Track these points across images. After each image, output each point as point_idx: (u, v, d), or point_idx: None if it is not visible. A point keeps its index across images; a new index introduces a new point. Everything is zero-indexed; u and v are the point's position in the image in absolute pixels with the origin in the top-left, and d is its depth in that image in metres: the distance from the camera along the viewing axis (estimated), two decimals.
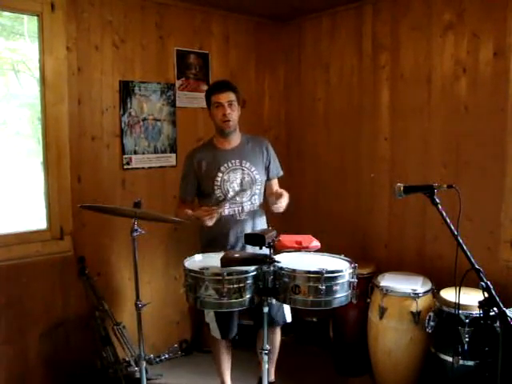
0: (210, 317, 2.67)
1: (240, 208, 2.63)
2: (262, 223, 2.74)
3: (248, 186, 2.64)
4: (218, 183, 2.61)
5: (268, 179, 2.78)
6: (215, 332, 2.69)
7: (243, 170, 2.65)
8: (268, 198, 2.75)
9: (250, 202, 2.65)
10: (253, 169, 2.67)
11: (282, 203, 2.56)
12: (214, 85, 2.72)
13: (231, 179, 2.62)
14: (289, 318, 2.75)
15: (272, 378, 2.90)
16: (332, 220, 3.72)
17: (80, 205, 2.63)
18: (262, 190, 2.74)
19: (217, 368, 2.86)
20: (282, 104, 4.07)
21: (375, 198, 3.45)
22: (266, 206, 2.78)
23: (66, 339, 3.00)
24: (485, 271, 1.64)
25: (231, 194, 2.61)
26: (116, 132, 3.16)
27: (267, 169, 2.76)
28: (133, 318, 2.54)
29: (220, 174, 2.61)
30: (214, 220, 2.46)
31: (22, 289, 2.81)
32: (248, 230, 2.62)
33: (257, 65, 3.88)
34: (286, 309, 2.72)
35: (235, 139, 2.70)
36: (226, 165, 2.63)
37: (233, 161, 2.64)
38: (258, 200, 2.70)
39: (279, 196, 2.54)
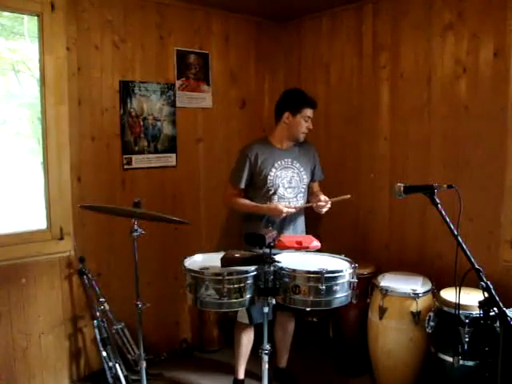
0: None
1: (287, 203, 2.82)
2: (302, 220, 2.98)
3: (296, 184, 2.88)
4: (271, 178, 2.83)
5: (311, 180, 3.02)
6: (243, 317, 2.79)
7: (293, 169, 2.89)
8: (309, 197, 2.98)
9: (295, 199, 2.87)
10: (302, 169, 2.91)
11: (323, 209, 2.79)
12: (311, 99, 2.86)
13: (282, 176, 2.85)
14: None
15: (284, 364, 3.05)
16: (332, 220, 3.71)
17: (80, 205, 2.64)
18: (307, 190, 2.97)
19: (235, 358, 2.94)
20: None
21: (375, 198, 3.45)
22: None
23: (66, 339, 3.00)
24: (485, 271, 1.64)
25: (280, 189, 2.83)
26: (116, 132, 3.16)
27: (312, 171, 3.00)
28: (133, 318, 2.54)
29: (274, 170, 2.84)
30: (284, 215, 2.73)
31: (22, 289, 2.81)
32: (290, 224, 2.86)
33: (257, 65, 3.88)
34: None
35: (290, 142, 2.93)
36: (279, 162, 2.86)
37: (286, 159, 2.88)
38: (302, 198, 2.92)
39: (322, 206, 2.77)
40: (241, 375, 2.96)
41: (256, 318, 2.75)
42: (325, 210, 2.78)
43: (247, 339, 2.89)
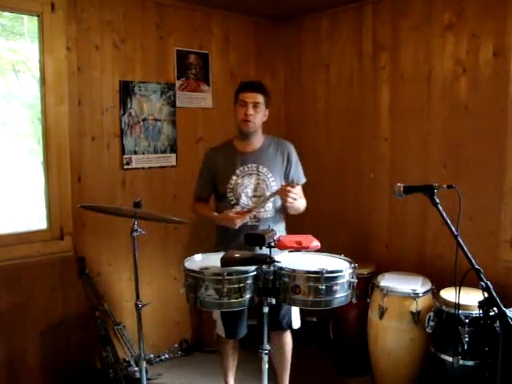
0: (216, 314, 2.63)
1: (253, 213, 2.52)
2: (277, 230, 2.55)
3: (262, 192, 2.55)
4: (231, 186, 2.55)
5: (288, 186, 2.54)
6: (220, 330, 2.64)
7: (259, 175, 2.56)
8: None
9: (263, 210, 2.55)
10: (269, 175, 2.56)
11: (290, 202, 2.40)
12: (246, 83, 2.59)
13: (245, 183, 2.54)
14: (296, 324, 2.66)
15: None
16: (332, 220, 3.72)
17: (80, 205, 2.64)
18: (279, 197, 2.54)
19: (221, 367, 2.82)
20: (282, 104, 4.07)
21: (375, 198, 3.45)
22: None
23: (66, 339, 3.00)
24: (485, 271, 1.64)
25: (243, 199, 2.53)
26: (116, 132, 3.16)
27: (287, 175, 2.64)
28: (133, 318, 2.54)
29: (234, 177, 2.55)
30: (240, 223, 2.42)
31: (22, 289, 2.81)
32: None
33: (257, 65, 3.88)
34: (295, 313, 2.64)
35: (255, 142, 2.61)
36: (241, 168, 2.56)
37: (249, 165, 2.56)
38: (271, 207, 2.58)
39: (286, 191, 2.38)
40: (229, 383, 2.83)
41: (232, 334, 2.60)
42: (290, 199, 2.37)
43: (228, 351, 2.71)
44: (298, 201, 2.52)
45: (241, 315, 2.56)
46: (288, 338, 2.73)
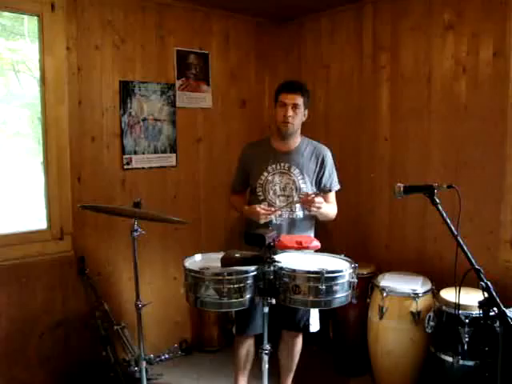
0: (233, 312, 2.60)
1: (278, 214, 2.55)
2: (304, 233, 2.58)
3: (290, 192, 2.58)
4: (262, 182, 2.60)
5: (321, 191, 2.57)
6: (234, 327, 2.62)
7: (290, 175, 2.59)
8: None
9: (289, 210, 2.57)
10: (300, 177, 2.59)
11: (314, 209, 2.44)
12: (286, 83, 2.62)
13: (275, 181, 2.58)
14: (314, 327, 2.63)
15: None
16: (332, 220, 3.71)
17: (80, 205, 2.64)
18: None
19: (233, 368, 2.75)
20: None
21: (375, 198, 3.45)
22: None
23: (66, 339, 3.00)
24: (485, 271, 1.64)
25: (271, 196, 2.58)
26: (116, 132, 3.16)
27: (320, 180, 2.65)
28: (133, 318, 2.54)
29: (265, 174, 2.59)
30: (264, 220, 2.47)
31: (22, 289, 2.81)
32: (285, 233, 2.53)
33: (257, 65, 3.88)
34: (313, 316, 2.61)
35: (292, 143, 2.64)
36: (274, 166, 2.60)
37: (282, 164, 2.60)
38: (299, 209, 2.58)
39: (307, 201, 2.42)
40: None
41: (242, 329, 2.57)
42: (315, 208, 2.43)
43: (244, 350, 2.63)
44: (326, 208, 2.54)
45: (252, 311, 2.47)
46: (299, 340, 2.73)
